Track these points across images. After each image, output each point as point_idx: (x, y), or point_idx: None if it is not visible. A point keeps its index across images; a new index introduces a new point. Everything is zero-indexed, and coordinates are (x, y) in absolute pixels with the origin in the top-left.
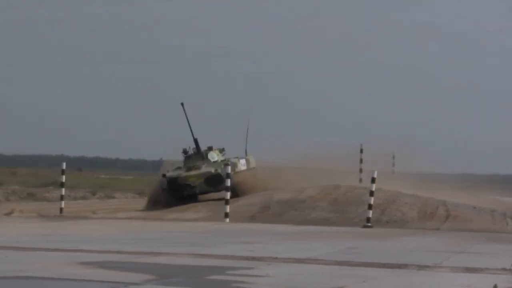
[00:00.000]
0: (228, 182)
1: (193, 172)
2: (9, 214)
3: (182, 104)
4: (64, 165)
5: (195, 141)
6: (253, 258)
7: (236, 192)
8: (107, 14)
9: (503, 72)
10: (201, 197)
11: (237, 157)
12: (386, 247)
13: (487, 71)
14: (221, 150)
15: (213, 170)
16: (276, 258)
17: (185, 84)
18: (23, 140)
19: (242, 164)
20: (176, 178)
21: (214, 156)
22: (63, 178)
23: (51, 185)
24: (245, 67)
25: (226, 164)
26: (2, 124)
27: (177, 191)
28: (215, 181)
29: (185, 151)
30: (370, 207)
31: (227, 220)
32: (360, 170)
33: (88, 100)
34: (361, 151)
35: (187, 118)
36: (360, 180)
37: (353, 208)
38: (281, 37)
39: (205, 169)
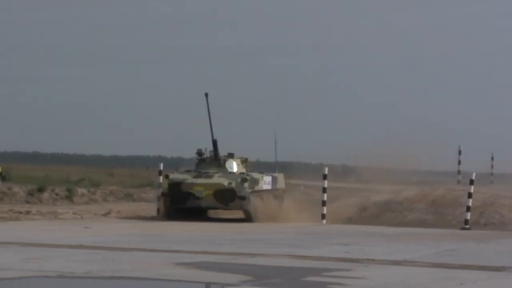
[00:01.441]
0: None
1: (201, 180)
2: (106, 214)
3: (206, 94)
4: (161, 166)
5: (214, 142)
6: (350, 260)
7: (251, 217)
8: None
9: None
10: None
11: (261, 172)
12: (484, 249)
13: None
14: (244, 161)
15: (226, 183)
16: (373, 259)
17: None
18: (121, 141)
19: (265, 182)
20: (180, 183)
21: (233, 165)
22: (161, 179)
23: (148, 185)
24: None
25: (244, 179)
26: (101, 126)
27: (179, 199)
28: (226, 197)
29: (199, 153)
30: (468, 209)
31: (324, 221)
32: (458, 172)
33: (184, 100)
34: (460, 152)
35: (209, 112)
36: (458, 182)
37: (451, 210)
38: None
39: (217, 179)
